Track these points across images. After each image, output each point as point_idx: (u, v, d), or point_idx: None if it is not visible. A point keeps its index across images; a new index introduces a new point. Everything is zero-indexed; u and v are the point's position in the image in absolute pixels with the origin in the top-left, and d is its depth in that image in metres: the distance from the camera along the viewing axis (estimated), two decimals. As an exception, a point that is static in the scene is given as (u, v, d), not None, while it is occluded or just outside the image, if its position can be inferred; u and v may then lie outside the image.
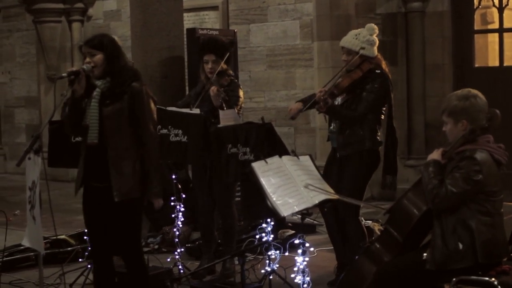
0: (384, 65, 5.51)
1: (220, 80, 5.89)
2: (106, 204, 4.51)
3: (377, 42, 5.51)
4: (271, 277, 5.10)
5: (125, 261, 4.71)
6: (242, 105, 6.00)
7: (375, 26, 5.51)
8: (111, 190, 4.46)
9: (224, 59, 5.91)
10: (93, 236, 4.73)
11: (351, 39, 5.45)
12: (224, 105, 5.72)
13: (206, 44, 6.03)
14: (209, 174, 5.96)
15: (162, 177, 4.64)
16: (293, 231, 6.91)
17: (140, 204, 4.59)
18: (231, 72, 6.11)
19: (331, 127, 5.57)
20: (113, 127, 4.47)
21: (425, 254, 4.10)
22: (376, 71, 5.44)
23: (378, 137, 5.49)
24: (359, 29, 5.55)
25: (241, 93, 5.97)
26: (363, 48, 5.37)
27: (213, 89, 5.72)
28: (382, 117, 5.54)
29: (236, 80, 6.11)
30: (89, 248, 5.04)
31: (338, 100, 5.47)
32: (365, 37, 5.42)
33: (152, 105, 4.60)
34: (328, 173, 5.52)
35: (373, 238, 5.12)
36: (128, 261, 4.67)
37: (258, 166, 4.66)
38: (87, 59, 4.51)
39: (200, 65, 6.08)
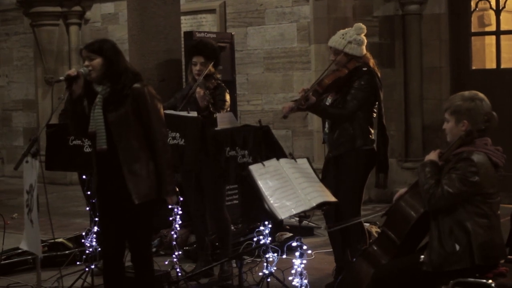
0: (372, 63, 5.49)
1: (206, 83, 5.91)
2: (121, 208, 4.49)
3: (365, 41, 5.49)
4: (269, 279, 5.09)
5: (134, 264, 4.67)
6: (228, 109, 6.02)
7: (363, 26, 5.49)
8: (128, 193, 4.41)
9: (212, 63, 5.94)
10: (106, 238, 4.69)
11: (338, 38, 5.45)
12: (210, 107, 5.75)
13: (195, 46, 6.06)
14: (198, 178, 5.97)
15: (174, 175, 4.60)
16: (291, 234, 6.92)
17: (155, 205, 4.56)
18: (218, 75, 6.12)
19: (325, 129, 5.57)
20: (120, 131, 4.45)
21: (422, 256, 4.11)
22: (363, 68, 5.42)
23: (370, 136, 5.47)
24: (347, 29, 5.55)
25: (227, 97, 6.00)
26: (348, 47, 5.37)
27: (199, 91, 5.75)
28: (374, 115, 5.53)
29: (223, 84, 6.11)
30: (100, 250, 5.08)
31: (328, 101, 5.47)
32: (352, 37, 5.41)
33: (158, 103, 4.56)
34: (326, 175, 5.52)
35: (371, 240, 5.12)
36: (137, 264, 4.63)
37: (255, 169, 4.65)
38: (86, 63, 4.52)
39: (188, 66, 6.11)
